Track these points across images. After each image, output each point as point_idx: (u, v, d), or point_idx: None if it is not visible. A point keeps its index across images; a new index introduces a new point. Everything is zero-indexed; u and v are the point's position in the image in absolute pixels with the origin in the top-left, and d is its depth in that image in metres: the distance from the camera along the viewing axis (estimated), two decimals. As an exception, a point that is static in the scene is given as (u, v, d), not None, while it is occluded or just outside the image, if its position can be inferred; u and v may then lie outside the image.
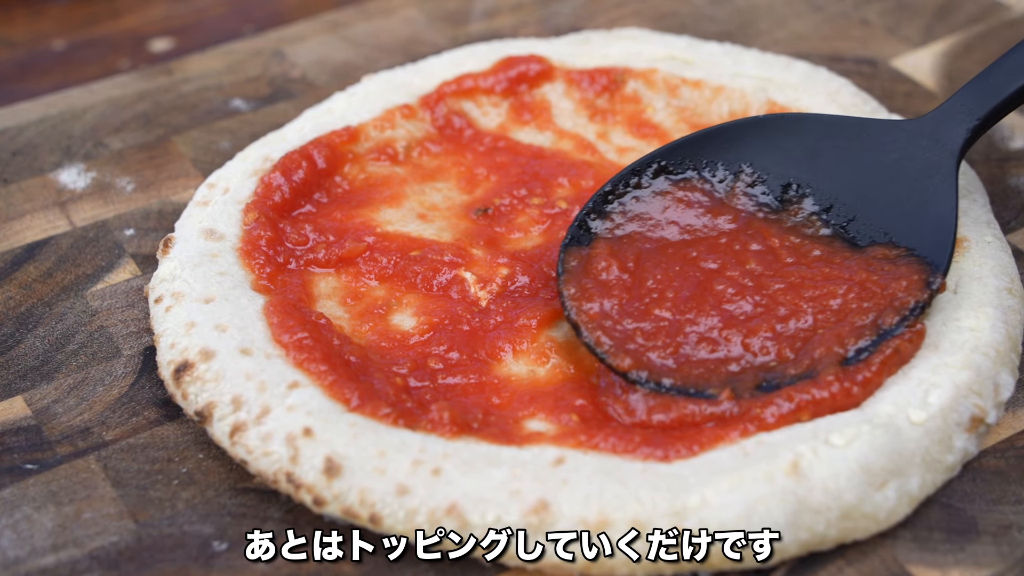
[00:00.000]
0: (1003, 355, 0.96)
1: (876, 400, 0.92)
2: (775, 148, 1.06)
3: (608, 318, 0.97)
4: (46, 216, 1.14)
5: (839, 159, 1.05)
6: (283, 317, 0.97)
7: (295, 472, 0.89)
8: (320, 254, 1.05)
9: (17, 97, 1.29)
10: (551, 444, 0.89)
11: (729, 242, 1.02)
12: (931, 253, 0.99)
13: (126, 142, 1.22)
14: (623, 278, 0.99)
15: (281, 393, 0.93)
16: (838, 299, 0.97)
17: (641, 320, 0.97)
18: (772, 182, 1.05)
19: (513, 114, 1.19)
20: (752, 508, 0.85)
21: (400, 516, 0.87)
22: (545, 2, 1.41)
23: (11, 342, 1.03)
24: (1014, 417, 0.97)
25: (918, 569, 0.87)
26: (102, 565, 0.88)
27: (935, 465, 0.91)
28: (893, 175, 1.03)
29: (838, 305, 0.97)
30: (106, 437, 0.96)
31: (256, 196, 1.08)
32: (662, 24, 1.36)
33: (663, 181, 1.05)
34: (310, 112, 1.19)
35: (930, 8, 1.38)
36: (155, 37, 1.41)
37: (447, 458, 0.88)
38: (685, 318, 0.97)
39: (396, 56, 1.33)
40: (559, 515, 0.85)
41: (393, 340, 0.99)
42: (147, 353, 1.02)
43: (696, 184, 1.05)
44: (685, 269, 1.00)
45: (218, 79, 1.30)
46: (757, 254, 1.01)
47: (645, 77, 1.20)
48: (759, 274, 0.99)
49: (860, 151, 1.05)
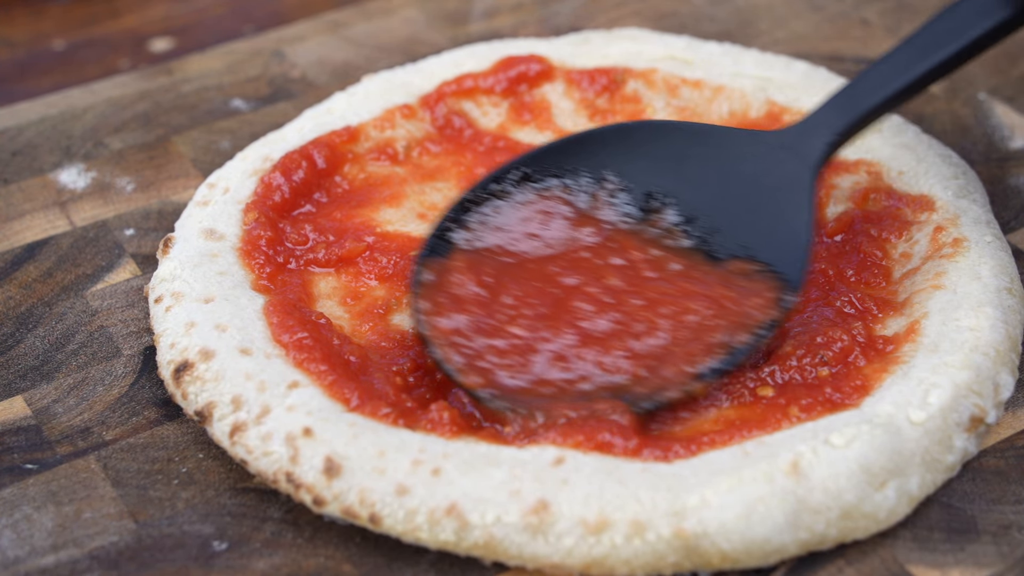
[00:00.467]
0: (1003, 355, 0.96)
1: (876, 400, 0.92)
2: (641, 156, 1.03)
3: (460, 334, 0.94)
4: (46, 216, 1.14)
5: (704, 169, 1.02)
6: (283, 317, 0.97)
7: (295, 472, 0.89)
8: (320, 254, 1.05)
9: (17, 97, 1.29)
10: (551, 444, 0.89)
11: (591, 256, 0.99)
12: (787, 269, 0.97)
13: (126, 142, 1.22)
14: (480, 293, 0.96)
15: (281, 393, 0.93)
16: (695, 315, 0.95)
17: (494, 337, 0.94)
18: (636, 191, 1.02)
19: (513, 114, 1.19)
20: (752, 508, 0.85)
21: (400, 516, 0.87)
22: (545, 2, 1.41)
23: (11, 342, 1.03)
24: (1014, 417, 0.97)
25: (918, 569, 0.87)
26: (102, 565, 0.88)
27: (935, 465, 0.91)
28: (753, 187, 1.01)
29: (695, 322, 0.94)
30: (106, 437, 0.96)
31: (256, 196, 1.08)
32: (662, 24, 1.36)
33: (526, 190, 1.03)
34: (310, 112, 1.19)
35: (930, 8, 1.38)
36: (155, 37, 1.41)
37: (447, 458, 0.88)
38: (540, 336, 0.94)
39: (396, 56, 1.33)
40: (559, 515, 0.85)
41: (393, 340, 0.99)
42: (147, 353, 1.02)
43: (559, 193, 1.02)
44: (544, 286, 0.97)
45: (218, 79, 1.30)
46: (618, 269, 0.98)
47: (645, 77, 1.20)
48: (619, 290, 0.97)
49: (724, 161, 1.02)
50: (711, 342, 0.93)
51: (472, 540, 0.86)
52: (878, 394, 0.93)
